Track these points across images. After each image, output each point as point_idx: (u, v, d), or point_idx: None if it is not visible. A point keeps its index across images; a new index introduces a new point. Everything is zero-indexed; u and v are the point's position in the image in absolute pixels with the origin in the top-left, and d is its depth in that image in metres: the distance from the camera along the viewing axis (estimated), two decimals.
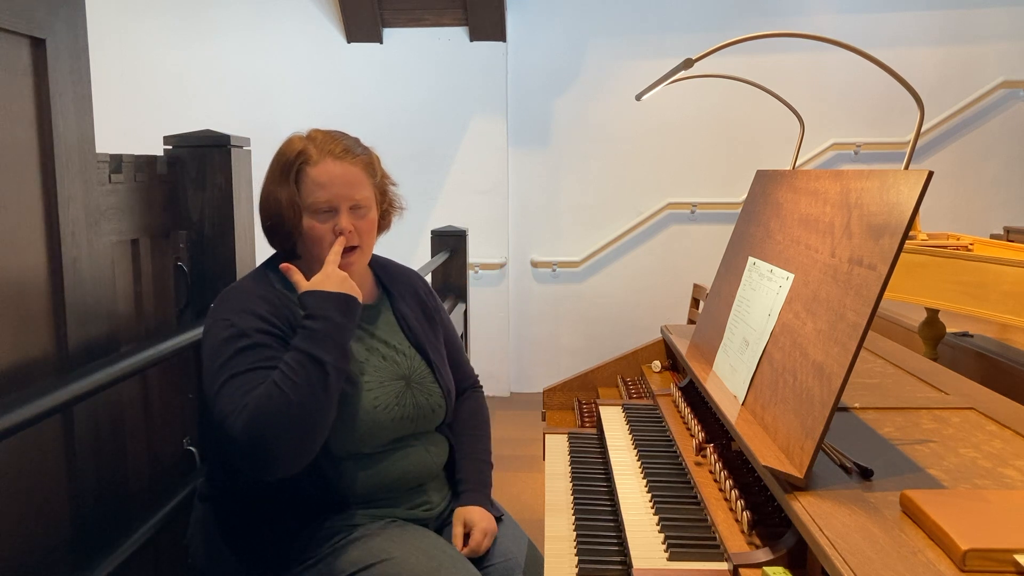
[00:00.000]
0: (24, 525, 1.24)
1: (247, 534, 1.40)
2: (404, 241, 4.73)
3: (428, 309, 1.61)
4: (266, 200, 1.44)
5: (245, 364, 1.29)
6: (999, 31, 4.66)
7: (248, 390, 1.26)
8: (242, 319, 1.33)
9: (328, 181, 1.39)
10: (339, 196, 1.39)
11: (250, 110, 4.70)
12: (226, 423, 1.24)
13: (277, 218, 1.41)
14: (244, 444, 1.22)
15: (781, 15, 4.68)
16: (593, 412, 2.00)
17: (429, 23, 4.73)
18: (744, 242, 1.70)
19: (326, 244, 1.39)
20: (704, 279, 3.48)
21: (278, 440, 1.22)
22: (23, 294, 1.25)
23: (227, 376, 1.28)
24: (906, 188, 1.09)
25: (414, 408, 1.46)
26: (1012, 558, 0.86)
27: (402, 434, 1.46)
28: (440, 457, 1.53)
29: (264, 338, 1.32)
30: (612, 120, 4.83)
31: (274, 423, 1.22)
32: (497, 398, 4.94)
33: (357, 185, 1.41)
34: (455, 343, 1.67)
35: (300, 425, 1.24)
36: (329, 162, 1.39)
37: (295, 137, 1.45)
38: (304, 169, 1.39)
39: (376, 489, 1.42)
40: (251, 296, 1.38)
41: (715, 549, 1.17)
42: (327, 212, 1.39)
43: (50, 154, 1.29)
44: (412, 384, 1.48)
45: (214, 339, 1.34)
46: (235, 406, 1.24)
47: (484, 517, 1.50)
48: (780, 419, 1.21)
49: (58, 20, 1.30)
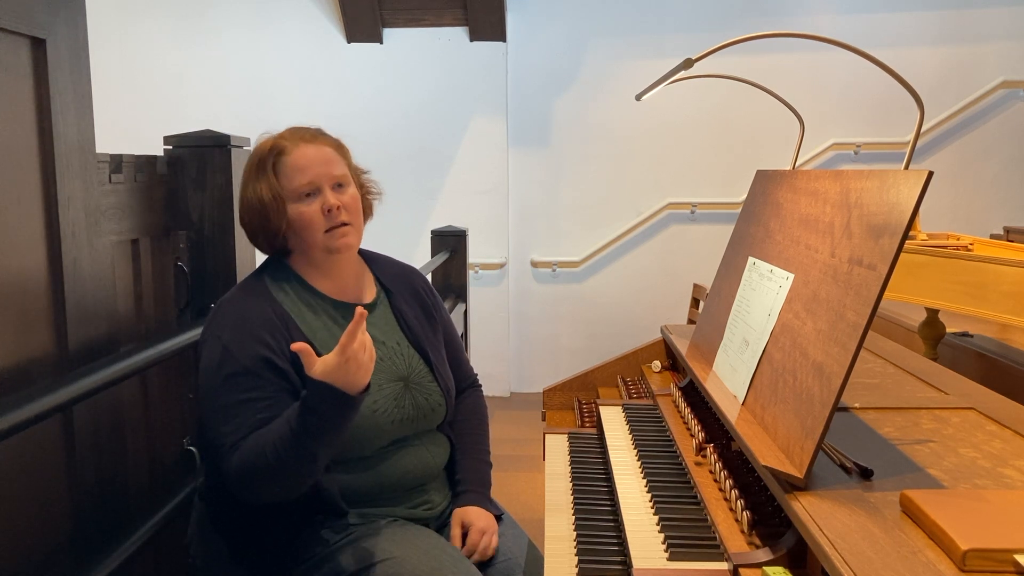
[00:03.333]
0: (24, 525, 1.24)
1: (247, 534, 1.40)
2: (404, 241, 4.74)
3: (427, 307, 1.61)
4: (247, 202, 1.43)
5: (236, 395, 1.30)
6: (999, 31, 4.66)
7: (237, 427, 1.28)
8: (234, 342, 1.33)
9: (306, 163, 1.41)
10: (320, 175, 1.41)
11: (250, 110, 4.70)
12: (218, 450, 1.29)
13: (262, 217, 1.41)
14: (233, 479, 1.28)
15: (781, 15, 4.68)
16: (593, 412, 1.99)
17: (429, 23, 4.73)
18: (744, 242, 1.70)
19: (317, 225, 1.40)
20: (704, 279, 3.48)
21: (263, 489, 1.28)
22: (23, 294, 1.25)
23: (219, 404, 1.31)
24: (906, 188, 1.09)
25: (413, 409, 1.46)
26: (1012, 558, 0.86)
27: (402, 435, 1.46)
28: (441, 457, 1.53)
29: (254, 364, 1.31)
30: (612, 120, 4.83)
31: (260, 477, 1.26)
32: (497, 398, 4.94)
33: (334, 163, 1.44)
34: (455, 342, 1.67)
35: (285, 485, 1.28)
36: (303, 146, 1.42)
37: (262, 138, 1.48)
38: (280, 159, 1.42)
39: (377, 489, 1.42)
40: (246, 312, 1.37)
41: (715, 549, 1.17)
42: (311, 195, 1.41)
43: (50, 154, 1.29)
44: (411, 385, 1.48)
45: (207, 358, 1.35)
46: (226, 441, 1.28)
47: (482, 516, 1.50)
48: (780, 419, 1.21)
49: (58, 20, 1.30)
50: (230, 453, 1.27)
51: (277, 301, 1.40)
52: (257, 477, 1.25)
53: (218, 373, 1.32)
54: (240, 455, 1.26)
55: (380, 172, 1.65)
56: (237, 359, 1.31)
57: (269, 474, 1.25)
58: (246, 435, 1.27)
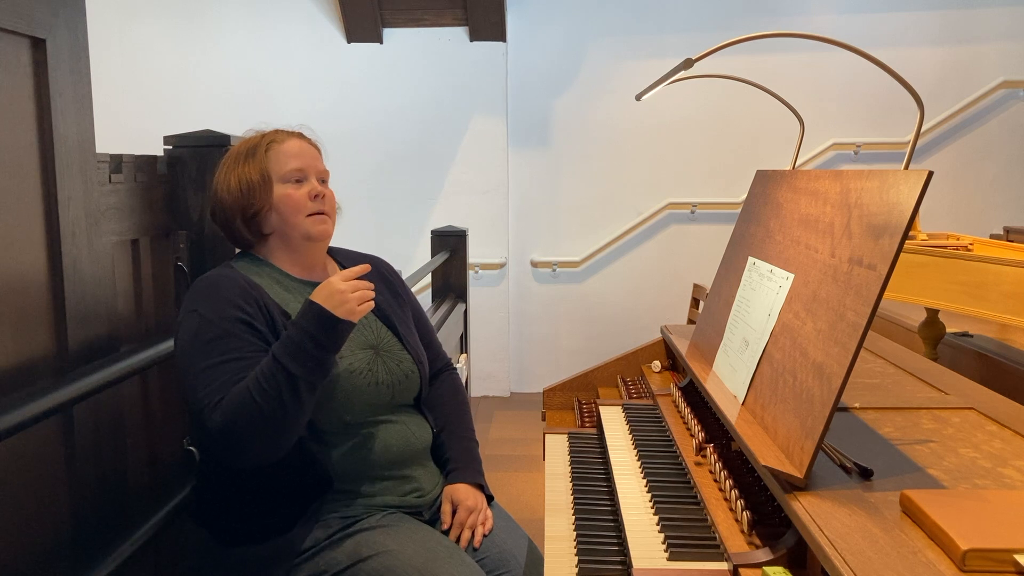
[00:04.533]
0: (24, 525, 1.24)
1: (244, 528, 1.40)
2: (404, 241, 4.75)
3: (393, 286, 1.66)
4: (228, 190, 1.47)
5: (215, 356, 1.32)
6: (999, 31, 4.66)
7: (219, 386, 1.29)
8: (208, 307, 1.36)
9: (299, 151, 1.50)
10: (310, 165, 1.49)
11: (250, 110, 4.69)
12: (202, 415, 1.29)
13: (245, 200, 1.45)
14: (217, 438, 1.28)
15: (781, 15, 4.68)
16: (593, 412, 2.00)
17: (429, 23, 4.73)
18: (744, 242, 1.70)
19: (302, 208, 1.45)
20: (704, 279, 3.48)
21: (248, 441, 1.29)
22: (23, 294, 1.25)
23: (199, 369, 1.31)
24: (906, 188, 1.09)
25: (387, 374, 1.49)
26: (1012, 558, 0.86)
27: (380, 401, 1.47)
28: (422, 435, 1.54)
29: (232, 326, 1.34)
30: (612, 120, 4.83)
31: (244, 426, 1.27)
32: (497, 398, 4.94)
33: (320, 159, 1.54)
34: (425, 324, 1.71)
35: (269, 431, 1.29)
36: (296, 139, 1.52)
37: (248, 133, 1.56)
38: (272, 147, 1.49)
39: (361, 464, 1.43)
40: (219, 284, 1.40)
41: (715, 549, 1.17)
42: (299, 181, 1.47)
43: (50, 154, 1.29)
44: (381, 352, 1.51)
45: (184, 333, 1.36)
46: (209, 401, 1.29)
47: (471, 495, 1.52)
48: (780, 419, 1.21)
49: (58, 20, 1.30)
50: (212, 412, 1.27)
51: (248, 277, 1.44)
52: (240, 426, 1.26)
53: (196, 340, 1.34)
54: (222, 407, 1.27)
55: (380, 172, 1.67)
56: (214, 324, 1.34)
57: (251, 419, 1.26)
58: (228, 391, 1.29)
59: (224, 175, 1.49)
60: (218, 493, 1.44)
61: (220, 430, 1.27)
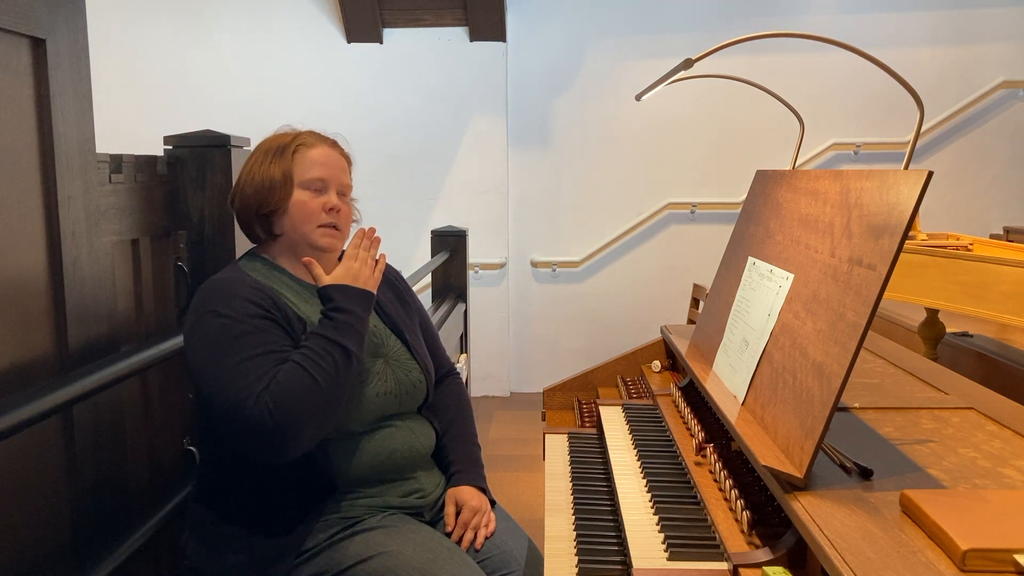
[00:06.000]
0: (24, 525, 1.24)
1: (244, 528, 1.40)
2: (404, 241, 4.74)
3: (400, 293, 1.66)
4: (252, 181, 1.45)
5: (250, 350, 1.30)
6: (999, 31, 4.66)
7: (260, 375, 1.27)
8: (227, 307, 1.34)
9: (325, 160, 1.47)
10: (333, 177, 1.47)
11: (250, 110, 4.70)
12: (242, 408, 1.24)
13: (264, 196, 1.44)
14: (267, 424, 1.24)
15: (781, 15, 4.68)
16: (593, 412, 2.00)
17: (429, 23, 4.73)
18: (744, 242, 1.70)
19: (314, 218, 1.44)
20: (704, 279, 3.48)
21: (303, 420, 1.26)
22: (23, 294, 1.25)
23: (231, 364, 1.28)
24: (906, 188, 1.09)
25: (395, 384, 1.49)
26: (1012, 558, 0.86)
27: (387, 411, 1.48)
28: (426, 440, 1.54)
29: (260, 323, 1.34)
30: (612, 120, 4.83)
31: (301, 403, 1.26)
32: (497, 398, 4.94)
33: (346, 173, 1.52)
34: (430, 330, 1.71)
35: (325, 407, 1.29)
36: (326, 147, 1.50)
37: (282, 130, 1.53)
38: (301, 149, 1.47)
39: (366, 469, 1.43)
40: (231, 285, 1.39)
41: (715, 549, 1.17)
42: (319, 190, 1.46)
43: (50, 154, 1.29)
44: (390, 361, 1.51)
45: (205, 333, 1.33)
46: (252, 390, 1.25)
47: (475, 496, 1.53)
48: (780, 419, 1.21)
49: (58, 20, 1.30)
50: (259, 401, 1.24)
51: (257, 280, 1.43)
52: (297, 403, 1.25)
53: (222, 338, 1.31)
54: (272, 392, 1.25)
55: (380, 172, 1.67)
56: (240, 321, 1.32)
57: (308, 395, 1.26)
58: (274, 376, 1.27)
59: (250, 167, 1.48)
60: (218, 493, 1.44)
61: (272, 415, 1.23)
